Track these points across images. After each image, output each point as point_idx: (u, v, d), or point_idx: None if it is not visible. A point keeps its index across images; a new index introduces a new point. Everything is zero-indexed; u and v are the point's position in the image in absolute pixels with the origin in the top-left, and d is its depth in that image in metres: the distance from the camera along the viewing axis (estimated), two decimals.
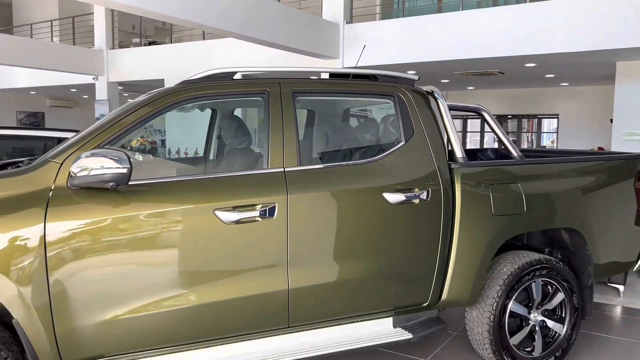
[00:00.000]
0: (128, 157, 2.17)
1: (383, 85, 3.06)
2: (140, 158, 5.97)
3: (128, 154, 2.18)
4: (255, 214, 2.49)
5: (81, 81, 13.89)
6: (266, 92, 2.72)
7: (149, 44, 14.77)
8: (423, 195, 2.88)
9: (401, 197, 2.81)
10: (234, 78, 2.73)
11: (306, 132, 3.52)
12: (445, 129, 3.14)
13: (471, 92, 15.50)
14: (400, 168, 2.87)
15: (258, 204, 2.51)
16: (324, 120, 3.67)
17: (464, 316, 3.27)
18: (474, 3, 10.31)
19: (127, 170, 2.15)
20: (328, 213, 2.66)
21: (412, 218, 2.86)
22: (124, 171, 2.15)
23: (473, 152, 5.27)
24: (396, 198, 2.80)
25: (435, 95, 3.19)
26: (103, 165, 2.14)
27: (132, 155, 4.05)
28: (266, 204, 2.52)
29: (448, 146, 3.10)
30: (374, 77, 3.10)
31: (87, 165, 2.17)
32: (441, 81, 12.64)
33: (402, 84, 3.12)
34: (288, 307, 2.60)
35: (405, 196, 2.82)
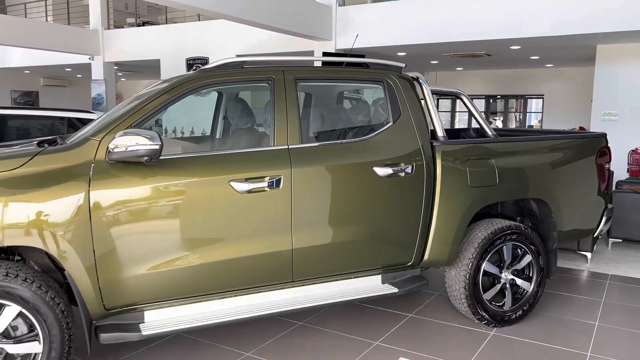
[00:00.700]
0: (159, 135, 2.56)
1: (374, 72, 3.46)
2: None
3: (159, 133, 2.58)
4: (264, 185, 2.91)
5: (76, 61, 14.05)
6: (272, 79, 3.11)
7: (143, 24, 14.93)
8: (408, 169, 3.30)
9: (389, 171, 3.24)
10: (244, 67, 3.12)
11: (306, 114, 3.91)
12: (428, 111, 3.55)
13: (460, 73, 15.87)
14: (388, 145, 3.29)
15: (266, 176, 2.92)
16: (320, 102, 4.06)
17: (444, 277, 3.74)
18: None
19: (159, 146, 2.55)
20: (326, 184, 3.08)
21: (399, 189, 3.29)
22: (156, 147, 2.55)
23: (457, 132, 5.71)
24: (385, 172, 3.23)
25: (420, 81, 3.60)
26: (138, 142, 2.54)
27: None
28: (273, 177, 2.94)
29: (431, 126, 3.52)
30: (366, 65, 3.50)
31: (123, 142, 2.56)
32: (431, 62, 12.99)
33: (391, 71, 3.52)
34: (292, 264, 3.04)
35: (392, 170, 3.25)
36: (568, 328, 3.70)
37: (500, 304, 3.70)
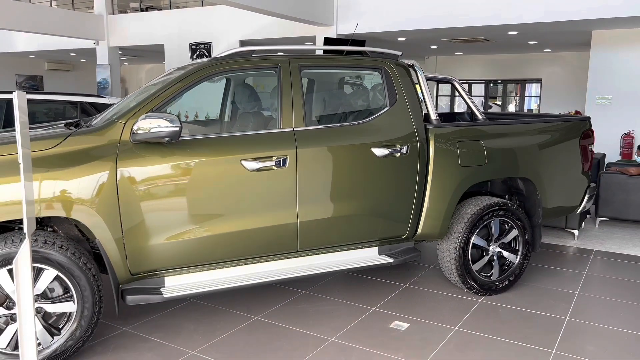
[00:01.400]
0: (179, 118, 2.85)
1: (372, 59, 3.73)
2: None
3: (178, 116, 2.87)
4: (271, 164, 3.21)
5: (80, 45, 14.27)
6: (278, 67, 3.39)
7: (146, 9, 15.10)
8: (404, 150, 3.60)
9: (386, 152, 3.53)
10: (252, 55, 3.39)
11: (310, 99, 4.19)
12: (422, 96, 3.83)
13: (460, 57, 16.05)
14: (385, 128, 3.58)
15: (274, 156, 3.22)
16: (323, 87, 4.33)
17: (437, 250, 4.05)
18: None
19: (179, 128, 2.85)
20: (328, 163, 3.37)
21: (395, 168, 3.58)
22: (176, 129, 2.84)
23: (453, 115, 5.98)
24: (382, 152, 3.52)
25: (415, 68, 3.87)
26: (160, 124, 2.83)
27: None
28: (280, 156, 3.23)
29: (425, 110, 3.81)
30: (365, 54, 3.77)
31: (146, 125, 2.86)
32: (431, 47, 13.19)
33: (388, 59, 3.79)
34: (297, 236, 3.35)
35: (389, 150, 3.54)
36: (550, 296, 4.02)
37: (488, 275, 4.02)
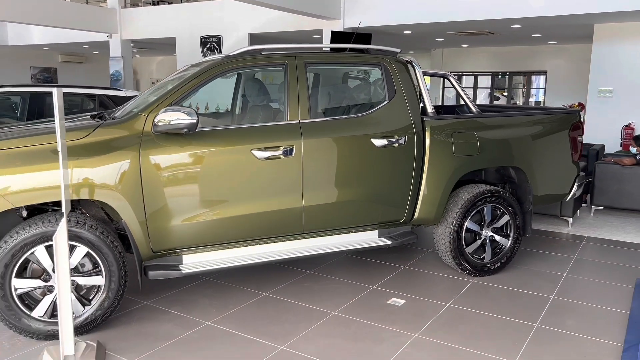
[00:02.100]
0: (196, 112, 3.16)
1: (372, 56, 4.02)
2: None
3: (196, 110, 3.18)
4: (279, 153, 3.51)
5: (94, 38, 14.61)
6: (285, 64, 3.69)
7: (157, 3, 15.40)
8: (401, 140, 3.89)
9: (384, 142, 3.83)
10: (262, 53, 3.69)
11: (314, 93, 4.48)
12: (419, 90, 4.11)
13: (465, 50, 16.22)
14: (384, 120, 3.87)
15: (281, 146, 3.52)
16: (326, 82, 4.62)
17: (433, 234, 4.35)
18: None
19: (196, 120, 3.16)
20: (331, 153, 3.67)
21: (393, 157, 3.88)
22: (194, 121, 3.16)
23: (452, 108, 6.24)
24: (381, 142, 3.82)
25: (413, 64, 4.14)
26: (179, 117, 3.15)
27: None
28: (287, 146, 3.54)
29: (421, 103, 4.09)
30: (366, 51, 4.05)
31: (166, 118, 3.17)
32: (436, 40, 13.38)
33: (388, 56, 4.07)
34: (302, 219, 3.66)
35: (387, 141, 3.84)
36: (539, 278, 4.31)
37: (480, 257, 4.31)
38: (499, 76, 16.96)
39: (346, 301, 3.79)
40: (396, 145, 3.87)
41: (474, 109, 4.36)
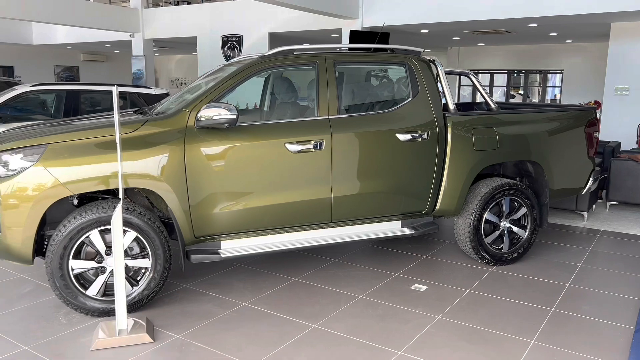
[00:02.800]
0: (236, 108, 3.42)
1: (397, 56, 4.24)
2: None
3: (235, 106, 3.43)
4: (310, 147, 3.76)
5: (116, 38, 15.01)
6: (316, 63, 3.93)
7: (177, 3, 15.75)
8: (424, 135, 4.11)
9: (408, 137, 4.05)
10: (294, 53, 3.94)
11: (343, 90, 4.71)
12: (442, 88, 4.33)
13: (482, 48, 16.32)
14: (408, 116, 4.09)
15: (312, 140, 3.77)
16: (354, 80, 4.85)
17: (453, 225, 4.57)
18: None
19: (237, 116, 3.42)
20: (358, 147, 3.91)
21: (416, 152, 4.10)
22: (234, 117, 3.41)
23: (471, 105, 6.44)
24: (405, 137, 4.04)
25: (435, 63, 4.36)
26: (221, 113, 3.41)
27: None
28: (317, 140, 3.78)
29: (443, 100, 4.30)
30: (391, 51, 4.28)
31: (209, 114, 3.43)
32: (453, 38, 13.54)
33: (411, 55, 4.29)
34: (331, 209, 3.90)
35: (411, 136, 4.06)
36: (555, 267, 4.51)
37: (499, 247, 4.52)
38: (515, 74, 17.05)
39: (371, 286, 4.03)
40: (419, 140, 4.09)
41: (494, 106, 4.57)
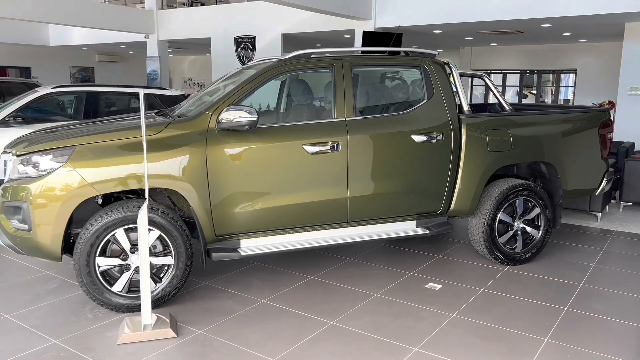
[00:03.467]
0: (256, 110, 3.52)
1: (412, 58, 4.32)
2: None
3: (255, 109, 3.53)
4: (327, 148, 3.85)
5: (131, 39, 15.20)
6: (333, 66, 4.02)
7: (191, 4, 15.91)
8: (439, 137, 4.18)
9: (424, 138, 4.13)
10: (311, 57, 4.03)
11: (359, 93, 4.79)
12: (456, 90, 4.40)
13: (494, 48, 16.30)
14: (423, 118, 4.17)
15: (329, 141, 3.86)
16: (370, 83, 4.93)
17: (467, 225, 4.63)
18: None
19: (257, 118, 3.52)
20: (374, 148, 3.99)
21: (431, 153, 4.17)
22: (255, 119, 3.52)
23: (484, 106, 6.49)
24: (420, 139, 4.12)
25: (450, 65, 4.43)
26: (241, 116, 3.51)
27: None
28: (334, 142, 3.87)
29: (458, 102, 4.37)
30: (406, 53, 4.36)
31: (230, 116, 3.54)
32: (466, 38, 13.55)
33: (426, 58, 4.36)
34: (347, 209, 3.99)
35: (426, 137, 4.14)
36: (568, 267, 4.56)
37: (512, 247, 4.58)
38: (527, 74, 17.00)
39: (386, 285, 4.11)
40: (434, 141, 4.16)
41: (507, 108, 4.62)
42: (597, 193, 4.94)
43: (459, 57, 17.10)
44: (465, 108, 4.38)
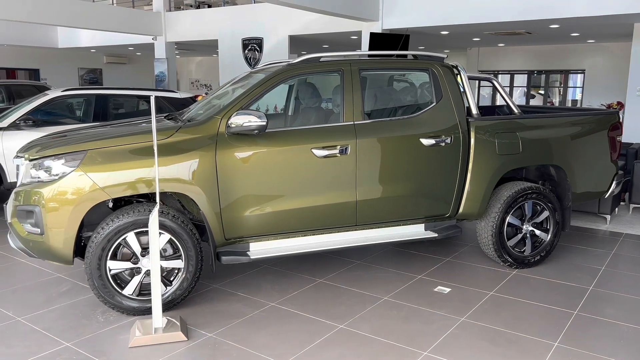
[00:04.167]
0: (265, 115, 3.54)
1: (421, 62, 4.32)
2: None
3: (265, 113, 3.55)
4: (336, 152, 3.86)
5: (139, 40, 15.29)
6: (341, 70, 4.03)
7: (198, 6, 15.98)
8: (448, 140, 4.18)
9: (432, 142, 4.13)
10: (320, 61, 4.04)
11: (367, 96, 4.80)
12: (465, 93, 4.39)
13: (502, 49, 16.24)
14: (432, 121, 4.17)
15: (338, 145, 3.87)
16: (378, 86, 4.94)
17: (476, 228, 4.63)
18: None
19: (266, 123, 3.53)
20: (383, 152, 4.00)
21: (440, 156, 4.18)
22: (264, 123, 3.53)
23: (493, 108, 6.48)
24: (429, 142, 4.12)
25: (458, 68, 4.43)
26: (251, 120, 3.53)
27: None
28: (343, 145, 3.88)
29: (466, 104, 4.37)
30: (415, 57, 4.36)
31: (239, 121, 3.56)
32: (473, 39, 13.51)
33: (435, 61, 4.37)
34: (356, 212, 4.00)
35: (435, 141, 4.14)
36: (578, 270, 4.54)
37: (521, 250, 4.57)
38: (535, 74, 16.93)
39: (395, 288, 4.12)
40: (443, 144, 4.16)
41: (516, 111, 4.62)
42: (607, 196, 4.92)
43: (467, 58, 17.06)
44: (473, 111, 4.38)
